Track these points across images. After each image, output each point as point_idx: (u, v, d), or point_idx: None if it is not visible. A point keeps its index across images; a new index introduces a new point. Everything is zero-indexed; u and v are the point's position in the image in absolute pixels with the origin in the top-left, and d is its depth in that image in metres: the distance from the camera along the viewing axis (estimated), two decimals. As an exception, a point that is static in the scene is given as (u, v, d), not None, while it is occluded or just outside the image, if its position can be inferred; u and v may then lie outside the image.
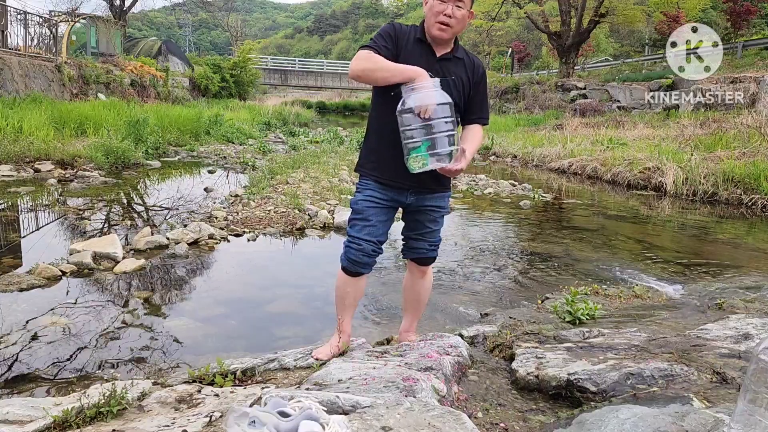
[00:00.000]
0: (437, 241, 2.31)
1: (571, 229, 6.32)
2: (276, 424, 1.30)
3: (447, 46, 2.10)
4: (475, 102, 2.14)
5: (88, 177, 7.87)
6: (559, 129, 16.12)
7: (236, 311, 3.50)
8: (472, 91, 2.13)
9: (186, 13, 51.87)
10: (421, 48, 2.08)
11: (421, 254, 2.29)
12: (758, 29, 26.85)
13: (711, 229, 6.49)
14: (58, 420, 1.58)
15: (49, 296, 3.47)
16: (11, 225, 5.38)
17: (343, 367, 1.94)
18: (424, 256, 2.30)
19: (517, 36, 38.61)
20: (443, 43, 2.08)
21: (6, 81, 11.87)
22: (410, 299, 2.45)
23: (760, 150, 9.01)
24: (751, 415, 1.20)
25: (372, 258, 2.17)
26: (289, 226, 5.50)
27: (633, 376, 1.79)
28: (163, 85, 20.45)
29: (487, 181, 9.51)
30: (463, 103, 2.11)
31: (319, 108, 41.22)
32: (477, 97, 2.15)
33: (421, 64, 1.98)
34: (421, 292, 2.41)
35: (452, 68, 2.08)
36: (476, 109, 2.16)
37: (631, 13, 22.26)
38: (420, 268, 2.35)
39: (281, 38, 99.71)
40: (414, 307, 2.46)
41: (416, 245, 2.27)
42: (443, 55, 2.09)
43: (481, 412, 1.78)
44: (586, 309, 2.83)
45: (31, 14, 15.87)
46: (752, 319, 2.51)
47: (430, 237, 2.27)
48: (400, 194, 2.14)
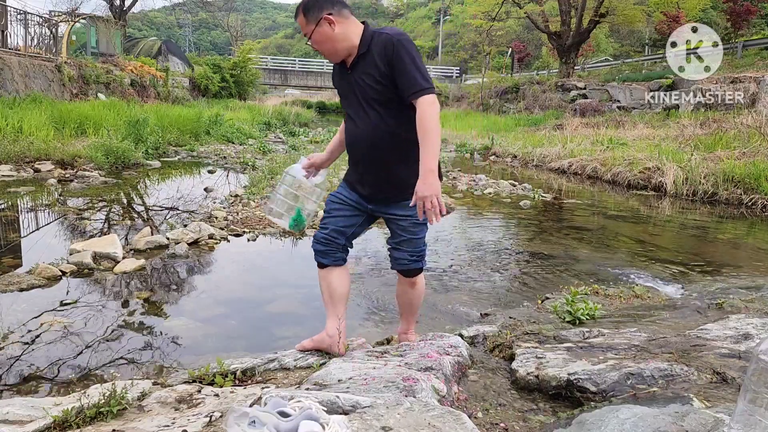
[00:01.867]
0: (419, 250, 2.22)
1: (571, 229, 6.32)
2: (276, 424, 1.30)
3: (352, 54, 2.04)
4: (402, 79, 1.94)
5: (88, 177, 7.87)
6: (559, 129, 16.12)
7: (236, 311, 3.50)
8: (393, 71, 1.95)
9: (186, 13, 51.87)
10: (339, 69, 2.15)
11: (403, 265, 2.24)
12: (758, 29, 26.85)
13: (711, 229, 6.49)
14: (58, 420, 1.58)
15: (49, 296, 3.46)
16: (11, 225, 5.38)
17: (343, 367, 1.94)
18: (406, 268, 2.25)
19: (517, 36, 38.60)
20: (345, 56, 2.06)
21: (6, 81, 11.87)
22: (403, 305, 2.47)
23: (760, 150, 9.01)
24: (751, 415, 1.20)
25: (325, 246, 2.21)
26: (289, 226, 5.50)
27: (633, 376, 1.79)
28: (163, 85, 20.44)
29: (487, 181, 9.51)
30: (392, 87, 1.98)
31: (319, 108, 41.22)
32: (398, 72, 1.94)
33: (342, 82, 2.14)
34: (412, 299, 2.40)
35: (362, 68, 2.02)
36: (405, 85, 1.93)
37: (631, 13, 22.25)
38: (407, 279, 2.31)
39: (281, 38, 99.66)
40: (408, 311, 2.47)
41: (397, 255, 2.24)
42: (352, 62, 2.06)
43: (481, 412, 1.78)
44: (586, 309, 2.83)
45: (31, 14, 15.88)
46: (752, 319, 2.51)
47: (407, 246, 2.20)
48: (361, 199, 2.23)
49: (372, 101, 2.04)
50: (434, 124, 1.90)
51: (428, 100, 1.90)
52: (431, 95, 1.91)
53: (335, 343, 2.27)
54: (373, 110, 2.05)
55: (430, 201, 1.86)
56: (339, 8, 2.02)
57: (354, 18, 2.06)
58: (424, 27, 68.00)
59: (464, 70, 40.33)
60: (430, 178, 1.87)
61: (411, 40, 1.99)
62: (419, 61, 1.94)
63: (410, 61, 1.92)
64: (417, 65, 1.92)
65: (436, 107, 1.92)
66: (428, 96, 1.91)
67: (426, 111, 1.89)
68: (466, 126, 20.19)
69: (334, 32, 2.00)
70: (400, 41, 1.94)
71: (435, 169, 1.89)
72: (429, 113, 1.89)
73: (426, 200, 1.87)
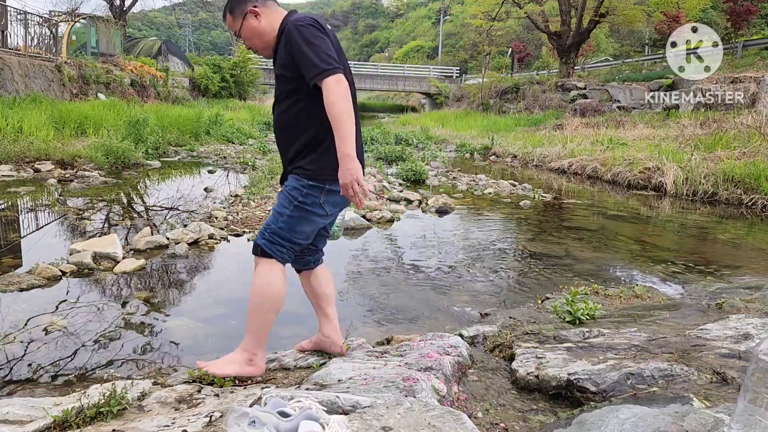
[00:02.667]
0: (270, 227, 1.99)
1: (571, 229, 6.32)
2: (276, 424, 1.30)
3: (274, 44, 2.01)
4: (301, 66, 1.85)
5: (88, 177, 7.87)
6: (559, 129, 16.12)
7: (236, 311, 3.50)
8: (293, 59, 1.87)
9: (186, 13, 51.87)
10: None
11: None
12: (758, 29, 26.84)
13: (711, 229, 6.49)
14: (58, 420, 1.58)
15: (49, 296, 3.46)
16: (11, 225, 5.38)
17: (343, 367, 1.94)
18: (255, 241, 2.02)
19: (517, 36, 38.60)
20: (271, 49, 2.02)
21: (6, 81, 11.87)
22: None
23: (760, 150, 9.02)
24: (751, 415, 1.20)
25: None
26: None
27: (633, 376, 1.79)
28: (163, 85, 20.44)
29: (487, 181, 9.51)
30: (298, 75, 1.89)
31: (319, 108, 41.19)
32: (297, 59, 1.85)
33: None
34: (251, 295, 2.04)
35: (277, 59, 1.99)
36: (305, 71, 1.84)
37: (631, 13, 22.26)
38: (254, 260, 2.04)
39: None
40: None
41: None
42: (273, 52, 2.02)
43: (481, 412, 1.78)
44: (586, 309, 2.83)
45: (31, 14, 15.88)
46: (752, 319, 2.51)
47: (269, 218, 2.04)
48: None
49: (281, 91, 1.99)
50: (340, 107, 1.77)
51: (330, 82, 1.77)
52: (333, 76, 1.78)
53: (333, 343, 2.26)
54: (283, 99, 1.99)
55: (352, 187, 1.80)
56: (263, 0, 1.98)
57: (279, 7, 2.01)
58: (424, 27, 68.00)
59: (464, 70, 40.34)
60: (347, 163, 1.79)
61: (310, 24, 1.86)
62: (317, 42, 1.81)
63: (305, 44, 1.81)
64: (313, 47, 1.80)
65: (341, 88, 1.78)
66: (330, 78, 1.78)
67: (330, 94, 1.78)
68: (466, 126, 20.19)
69: (260, 24, 1.96)
70: (295, 26, 1.85)
71: (351, 153, 1.79)
72: (333, 96, 1.77)
73: (347, 187, 1.81)
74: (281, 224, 1.95)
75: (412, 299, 3.80)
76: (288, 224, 1.96)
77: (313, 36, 1.82)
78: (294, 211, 1.95)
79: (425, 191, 8.36)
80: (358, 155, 1.93)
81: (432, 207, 7.05)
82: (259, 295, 2.00)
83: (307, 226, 2.01)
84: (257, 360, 2.06)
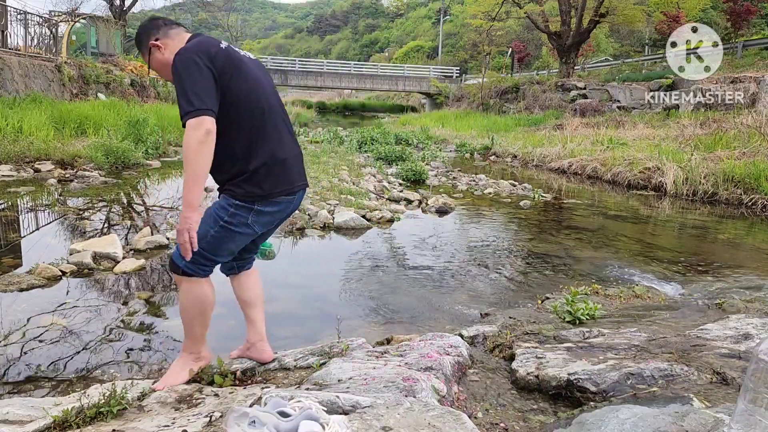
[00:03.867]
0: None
1: (571, 229, 6.32)
2: (276, 424, 1.30)
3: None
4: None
5: (88, 177, 7.87)
6: (559, 129, 16.12)
7: (236, 311, 3.49)
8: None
9: (186, 13, 51.85)
10: None
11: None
12: (758, 29, 26.85)
13: (711, 229, 6.49)
14: (58, 420, 1.58)
15: (49, 296, 3.46)
16: (11, 225, 5.38)
17: (343, 367, 1.94)
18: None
19: (517, 36, 38.59)
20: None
21: (6, 81, 11.86)
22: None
23: (760, 150, 9.01)
24: (751, 415, 1.20)
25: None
26: (289, 226, 5.50)
27: (633, 376, 1.79)
28: (163, 85, 20.44)
29: (487, 181, 9.51)
30: None
31: (319, 108, 41.25)
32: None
33: None
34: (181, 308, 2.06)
35: None
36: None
37: (631, 13, 22.24)
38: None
39: (281, 38, 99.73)
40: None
41: None
42: None
43: (481, 412, 1.78)
44: (586, 309, 2.83)
45: (31, 14, 15.87)
46: (752, 319, 2.51)
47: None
48: None
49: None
50: (191, 153, 1.72)
51: (189, 126, 1.72)
52: (194, 119, 1.72)
53: (261, 351, 2.22)
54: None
55: (182, 236, 1.77)
56: (165, 30, 1.97)
57: (184, 33, 1.99)
58: (424, 27, 67.98)
59: (464, 70, 40.33)
60: (186, 210, 1.76)
61: (186, 57, 1.79)
62: (186, 80, 1.76)
63: (177, 79, 1.77)
64: (183, 86, 1.75)
65: (197, 133, 1.71)
66: (190, 120, 1.72)
67: (186, 137, 1.73)
68: (466, 126, 20.19)
69: (164, 56, 1.94)
70: (176, 57, 1.81)
71: (194, 202, 1.75)
72: (188, 139, 1.72)
73: (180, 233, 1.78)
74: (204, 245, 1.89)
75: (412, 299, 3.80)
76: (210, 245, 1.92)
77: (186, 69, 1.76)
78: (218, 231, 1.92)
79: (425, 191, 8.36)
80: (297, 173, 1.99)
81: (432, 207, 7.05)
82: (190, 311, 2.02)
83: (231, 243, 1.98)
84: (203, 353, 2.12)
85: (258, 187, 1.89)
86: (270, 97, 1.98)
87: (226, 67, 1.82)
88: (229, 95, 1.83)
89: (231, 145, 1.88)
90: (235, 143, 1.88)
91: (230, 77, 1.83)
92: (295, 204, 2.04)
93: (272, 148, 1.92)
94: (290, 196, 1.98)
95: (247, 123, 1.89)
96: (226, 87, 1.82)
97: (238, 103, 1.86)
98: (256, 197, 1.90)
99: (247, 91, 1.88)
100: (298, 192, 2.02)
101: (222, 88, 1.81)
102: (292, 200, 2.00)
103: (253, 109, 1.89)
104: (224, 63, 1.83)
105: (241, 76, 1.86)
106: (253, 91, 1.90)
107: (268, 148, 1.91)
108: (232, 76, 1.83)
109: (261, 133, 1.91)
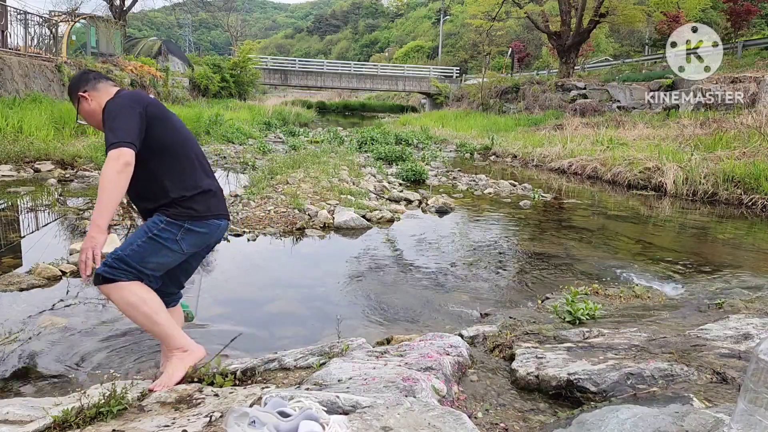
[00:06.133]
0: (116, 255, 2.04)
1: (571, 229, 6.32)
2: (276, 424, 1.30)
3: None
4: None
5: (88, 177, 7.88)
6: (559, 129, 16.12)
7: (236, 311, 3.50)
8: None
9: (186, 13, 51.87)
10: None
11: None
12: (758, 29, 26.85)
13: (711, 229, 6.49)
14: (58, 420, 1.58)
15: (49, 296, 3.47)
16: (11, 225, 5.38)
17: (343, 367, 1.94)
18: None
19: (517, 36, 38.59)
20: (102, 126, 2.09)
21: (6, 81, 11.86)
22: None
23: (760, 150, 9.01)
24: (751, 415, 1.20)
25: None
26: (289, 226, 5.50)
27: (633, 376, 1.79)
28: (163, 85, 20.44)
29: (487, 181, 9.51)
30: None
31: (319, 108, 41.22)
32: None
33: None
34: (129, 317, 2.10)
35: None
36: None
37: (631, 13, 22.23)
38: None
39: (281, 38, 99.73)
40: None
41: None
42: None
43: (481, 412, 1.78)
44: (586, 309, 2.83)
45: (31, 14, 15.87)
46: (752, 319, 2.51)
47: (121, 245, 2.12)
48: None
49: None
50: (107, 182, 1.90)
51: (110, 156, 1.91)
52: (114, 150, 1.90)
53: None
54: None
55: (85, 253, 1.88)
56: (94, 83, 2.18)
57: (112, 87, 2.20)
58: (424, 27, 67.96)
59: (464, 70, 40.33)
60: (93, 230, 1.90)
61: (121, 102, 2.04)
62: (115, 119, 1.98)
63: (109, 120, 1.99)
64: (112, 124, 1.97)
65: (117, 163, 1.89)
66: (112, 151, 1.91)
67: (105, 166, 1.91)
68: (466, 126, 20.19)
69: (90, 106, 2.17)
70: (107, 104, 2.06)
71: (102, 224, 1.90)
72: (106, 168, 1.90)
73: (83, 251, 1.89)
74: (128, 252, 2.03)
75: (412, 299, 3.80)
76: (136, 252, 2.04)
77: (120, 110, 2.01)
78: (145, 242, 2.06)
79: (425, 191, 8.36)
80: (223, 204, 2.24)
81: (432, 207, 7.05)
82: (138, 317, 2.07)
83: (157, 257, 2.08)
84: (189, 347, 2.14)
85: (191, 209, 2.12)
86: (193, 143, 2.25)
87: (158, 115, 2.11)
88: (162, 139, 2.10)
89: (164, 181, 2.11)
90: (167, 178, 2.11)
91: (163, 124, 2.11)
92: (220, 231, 2.25)
93: (201, 182, 2.17)
94: (218, 221, 2.20)
95: (178, 162, 2.13)
96: (160, 132, 2.09)
97: (171, 144, 2.13)
98: (188, 217, 2.11)
99: (175, 135, 2.16)
100: (223, 220, 2.24)
101: (156, 133, 2.07)
102: (218, 226, 2.21)
103: (181, 150, 2.16)
104: (156, 112, 2.11)
105: (169, 124, 2.16)
106: (182, 135, 2.19)
107: (198, 181, 2.17)
108: (164, 124, 2.12)
109: (191, 170, 2.16)
